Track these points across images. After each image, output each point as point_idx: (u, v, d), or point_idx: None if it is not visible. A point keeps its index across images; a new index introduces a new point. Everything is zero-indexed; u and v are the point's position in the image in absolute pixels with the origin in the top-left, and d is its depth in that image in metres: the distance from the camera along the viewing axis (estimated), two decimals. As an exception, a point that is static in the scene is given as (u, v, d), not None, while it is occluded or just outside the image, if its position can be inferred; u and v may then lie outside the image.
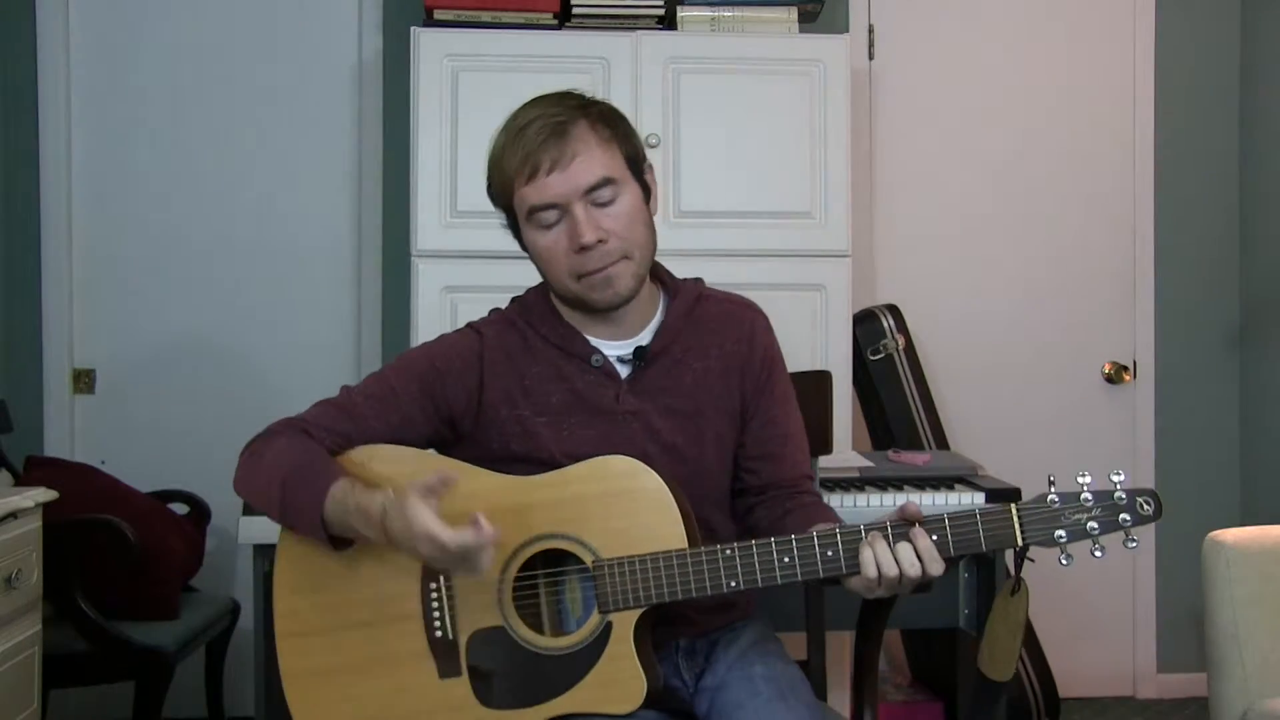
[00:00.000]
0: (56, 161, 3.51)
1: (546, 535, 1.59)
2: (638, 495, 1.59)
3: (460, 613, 1.59)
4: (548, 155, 1.62)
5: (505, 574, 1.58)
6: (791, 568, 1.53)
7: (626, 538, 1.57)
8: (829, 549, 1.53)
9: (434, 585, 1.59)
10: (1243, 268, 3.86)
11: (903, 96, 3.76)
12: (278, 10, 3.60)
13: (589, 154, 1.64)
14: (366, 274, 3.61)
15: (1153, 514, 1.50)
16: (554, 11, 3.11)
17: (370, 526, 1.53)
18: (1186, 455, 3.85)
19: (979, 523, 1.51)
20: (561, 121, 1.64)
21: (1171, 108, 3.83)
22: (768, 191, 3.07)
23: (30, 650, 2.50)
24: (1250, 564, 2.42)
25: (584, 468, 1.61)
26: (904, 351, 3.43)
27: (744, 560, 1.54)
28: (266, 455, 1.65)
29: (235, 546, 3.13)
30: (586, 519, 1.59)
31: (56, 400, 3.52)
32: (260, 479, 1.65)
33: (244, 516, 2.43)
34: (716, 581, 1.54)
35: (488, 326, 1.77)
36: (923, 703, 3.32)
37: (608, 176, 1.65)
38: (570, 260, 1.65)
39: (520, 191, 1.65)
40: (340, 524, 1.57)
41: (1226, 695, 2.41)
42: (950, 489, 2.65)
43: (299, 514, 1.60)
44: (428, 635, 1.59)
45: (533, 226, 1.67)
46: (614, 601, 1.56)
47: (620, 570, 1.56)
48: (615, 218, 1.65)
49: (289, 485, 1.60)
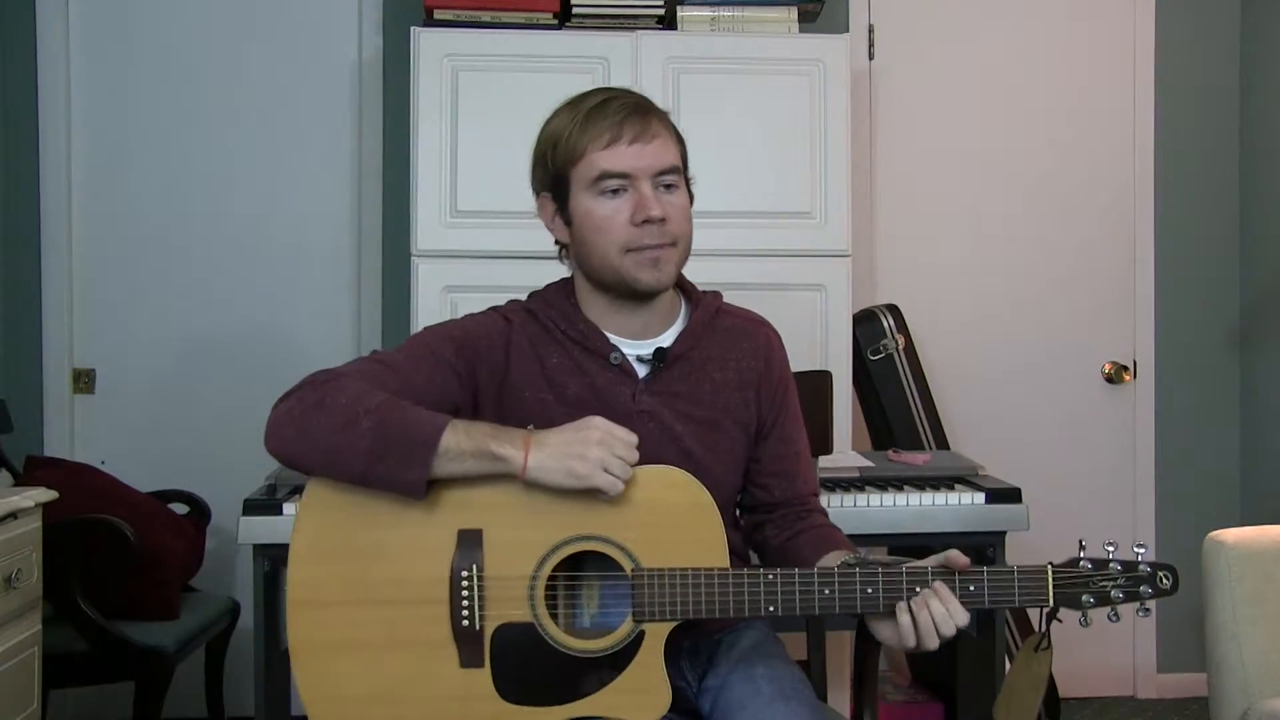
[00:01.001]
0: (56, 161, 3.51)
1: (587, 536, 1.58)
2: (686, 509, 1.59)
3: (489, 604, 1.57)
4: (631, 128, 1.68)
5: (540, 570, 1.57)
6: (831, 600, 1.56)
7: (668, 549, 1.58)
8: (869, 586, 1.55)
9: (465, 574, 1.57)
10: (1243, 268, 3.87)
11: (903, 96, 3.76)
12: (278, 10, 3.60)
13: (666, 140, 1.72)
14: (366, 274, 3.61)
15: (1170, 589, 1.58)
16: (554, 11, 3.11)
17: (511, 443, 1.53)
18: (1186, 455, 3.85)
19: (1015, 580, 1.55)
20: (643, 105, 1.72)
21: (1171, 108, 3.83)
22: (768, 191, 3.07)
23: (30, 650, 2.50)
24: (1250, 564, 2.42)
25: (637, 472, 1.59)
26: (904, 351, 3.43)
27: (785, 587, 1.56)
28: (339, 400, 1.56)
29: (235, 546, 3.13)
30: (629, 524, 1.58)
31: (56, 400, 3.52)
32: (333, 422, 1.55)
33: (244, 516, 2.43)
34: (755, 605, 1.56)
35: (511, 313, 1.78)
36: (923, 703, 3.31)
37: (677, 166, 1.73)
38: (627, 232, 1.68)
39: (592, 157, 1.68)
40: (457, 452, 1.53)
41: (1226, 695, 2.41)
42: (950, 489, 2.64)
43: (405, 450, 1.52)
44: (453, 623, 1.57)
45: (594, 194, 1.69)
46: (650, 611, 1.57)
47: (660, 581, 1.57)
48: (675, 206, 1.71)
49: (390, 423, 1.53)
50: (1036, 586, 1.56)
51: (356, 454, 1.53)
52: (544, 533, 1.57)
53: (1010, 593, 1.55)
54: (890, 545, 2.90)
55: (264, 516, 2.44)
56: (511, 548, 1.57)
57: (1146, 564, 1.58)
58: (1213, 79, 3.86)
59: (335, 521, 1.60)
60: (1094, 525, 3.81)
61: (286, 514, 2.44)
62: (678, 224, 1.71)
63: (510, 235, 3.01)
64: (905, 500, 2.60)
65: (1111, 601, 1.57)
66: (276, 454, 1.61)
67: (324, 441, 1.55)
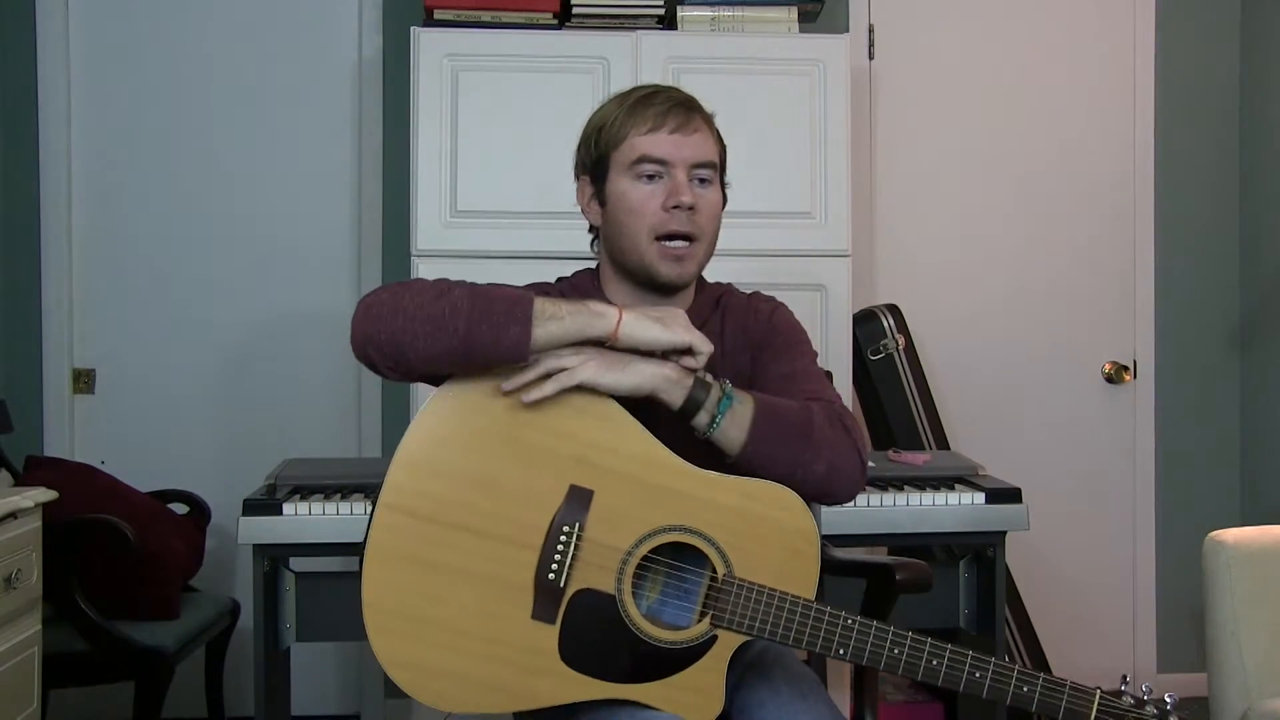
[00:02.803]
0: (56, 161, 3.51)
1: (690, 529, 1.59)
2: (790, 532, 1.60)
3: (578, 566, 1.56)
4: (674, 119, 1.74)
5: (636, 548, 1.58)
6: (897, 660, 1.58)
7: (762, 565, 1.58)
8: (935, 659, 1.57)
9: (567, 528, 1.56)
10: (1243, 268, 3.87)
11: (903, 96, 3.76)
12: (278, 10, 3.60)
13: (707, 136, 1.78)
14: (366, 274, 3.61)
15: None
16: (554, 11, 3.11)
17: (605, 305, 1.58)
18: (1186, 455, 3.85)
19: (1065, 694, 1.58)
20: (688, 101, 1.79)
21: (1171, 108, 3.83)
22: (768, 191, 3.07)
23: (30, 650, 2.50)
24: (1250, 564, 2.42)
25: (750, 484, 1.60)
26: (904, 351, 3.43)
27: (859, 636, 1.57)
28: (424, 284, 1.56)
29: (235, 546, 3.12)
30: (733, 531, 1.59)
31: (56, 400, 3.52)
32: (426, 296, 1.53)
33: (244, 517, 2.43)
34: (828, 645, 1.57)
35: (545, 286, 1.81)
36: (923, 703, 3.31)
37: (713, 161, 1.78)
38: (658, 217, 1.72)
39: (634, 140, 1.73)
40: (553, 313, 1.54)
41: (1226, 695, 2.41)
42: (950, 489, 2.65)
43: (503, 311, 1.51)
44: (538, 572, 1.56)
45: (630, 176, 1.74)
46: (729, 620, 1.57)
47: (748, 594, 1.57)
48: (706, 200, 1.76)
49: (481, 292, 1.54)
50: (1082, 707, 1.59)
51: (458, 315, 1.51)
52: (651, 513, 1.58)
53: (1057, 705, 1.58)
54: (891, 545, 2.90)
55: (264, 516, 2.44)
56: (617, 518, 1.57)
57: (1176, 716, 1.62)
58: (1213, 79, 3.86)
59: (447, 437, 1.59)
60: (1094, 525, 3.82)
61: (286, 514, 2.45)
62: (706, 217, 1.75)
63: (510, 235, 3.01)
64: (905, 500, 2.60)
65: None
66: (370, 337, 1.55)
67: (422, 312, 1.52)
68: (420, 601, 1.56)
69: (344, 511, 2.45)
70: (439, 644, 1.56)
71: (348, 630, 2.61)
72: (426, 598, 1.56)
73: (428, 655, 1.56)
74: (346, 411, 3.62)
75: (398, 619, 1.56)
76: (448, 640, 1.56)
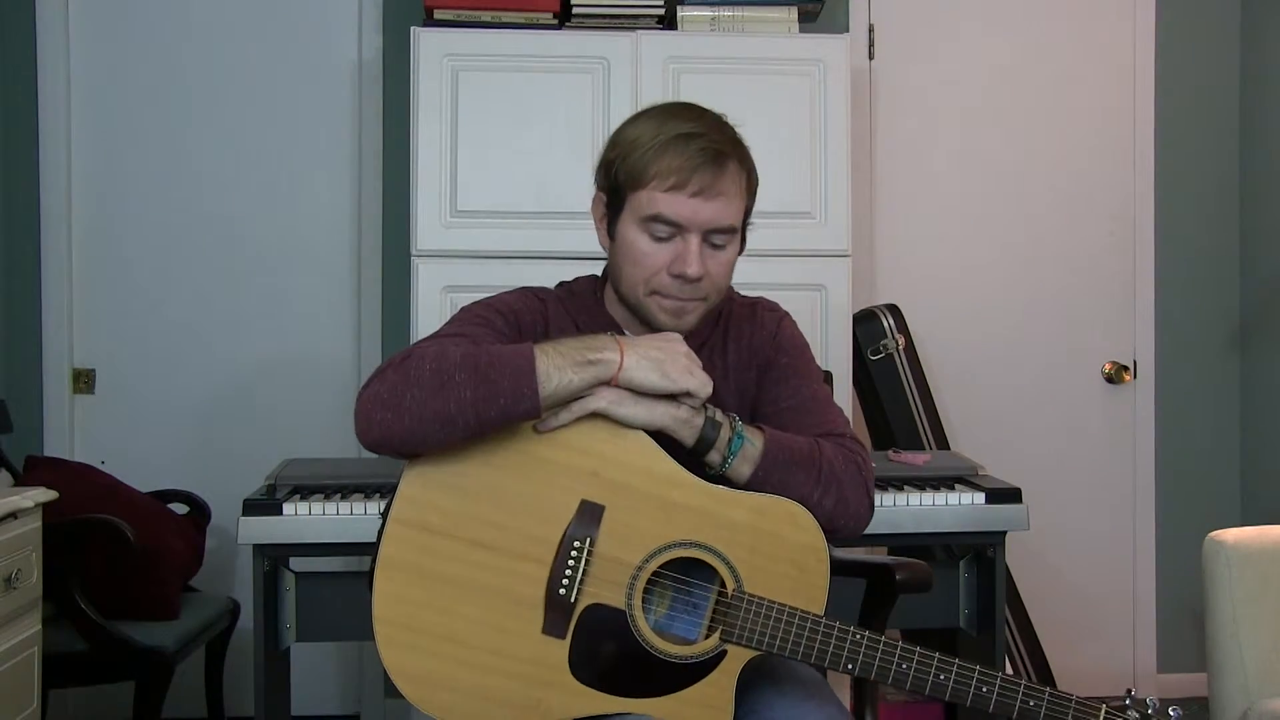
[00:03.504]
0: (56, 161, 3.51)
1: (701, 545, 1.59)
2: (801, 548, 1.60)
3: (589, 581, 1.56)
4: (700, 179, 1.65)
5: (647, 563, 1.58)
6: (905, 675, 1.57)
7: (773, 581, 1.59)
8: (943, 674, 1.57)
9: (578, 543, 1.56)
10: (1243, 268, 3.86)
11: (903, 96, 3.76)
12: (278, 10, 3.60)
13: (732, 197, 1.69)
14: (366, 274, 3.61)
15: None
16: (554, 11, 3.11)
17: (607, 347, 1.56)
18: (1186, 455, 3.85)
19: (1071, 709, 1.59)
20: (722, 153, 1.68)
21: (1171, 108, 3.83)
22: (768, 191, 3.00)
23: (30, 650, 2.50)
24: (1250, 564, 2.42)
25: (762, 499, 1.60)
26: (904, 351, 3.43)
27: (869, 650, 1.57)
28: (424, 369, 1.53)
29: (235, 546, 3.13)
30: (744, 547, 1.59)
31: (56, 400, 3.52)
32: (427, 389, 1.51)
33: (244, 517, 2.43)
34: (837, 659, 1.58)
35: (543, 295, 1.80)
36: (923, 703, 3.31)
37: (733, 225, 1.70)
38: (659, 278, 1.68)
39: (652, 194, 1.66)
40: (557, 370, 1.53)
41: (1226, 695, 2.41)
42: (950, 489, 2.65)
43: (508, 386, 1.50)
44: (549, 587, 1.56)
45: (640, 228, 1.68)
46: (739, 635, 1.58)
47: (758, 609, 1.57)
48: (719, 264, 1.70)
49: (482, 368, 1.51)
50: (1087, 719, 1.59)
51: (463, 407, 1.50)
52: (662, 528, 1.58)
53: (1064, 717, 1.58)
54: (891, 545, 2.90)
55: (264, 516, 2.44)
56: (628, 533, 1.57)
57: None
58: (1213, 79, 3.86)
59: (459, 451, 1.57)
60: (1094, 525, 3.82)
61: (286, 514, 2.44)
62: (713, 281, 1.70)
63: (510, 235, 3.01)
64: (905, 500, 2.60)
65: None
66: (377, 442, 1.56)
67: (425, 410, 1.51)
68: (430, 615, 1.56)
69: (344, 511, 2.45)
70: (449, 657, 1.56)
71: (348, 630, 2.61)
72: (437, 611, 1.56)
73: (437, 668, 1.56)
74: (346, 412, 3.56)
75: (408, 632, 1.56)
76: (458, 653, 1.56)
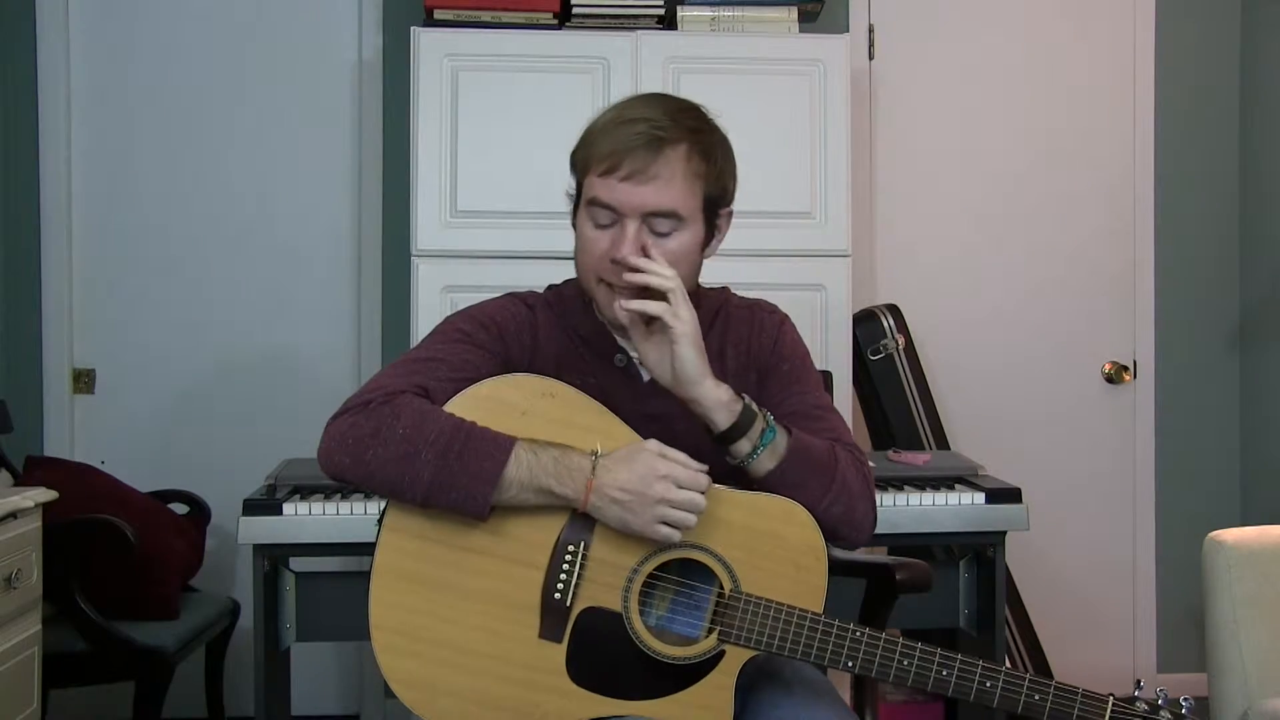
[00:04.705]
0: (56, 161, 3.51)
1: (697, 546, 1.58)
2: (798, 547, 1.59)
3: (584, 584, 1.56)
4: (631, 162, 1.61)
5: (642, 565, 1.58)
6: (906, 672, 1.58)
7: (770, 580, 1.58)
8: (945, 670, 1.57)
9: (572, 547, 1.56)
10: (1243, 268, 3.86)
11: (903, 96, 3.76)
12: (277, 10, 3.60)
13: (670, 181, 1.63)
14: (366, 274, 3.61)
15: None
16: (554, 11, 3.11)
17: (573, 482, 1.52)
18: (1186, 455, 3.85)
19: (1078, 701, 1.59)
20: (661, 138, 1.62)
21: (1171, 108, 3.83)
22: (768, 191, 3.07)
23: (30, 650, 2.50)
24: (1250, 564, 2.42)
25: (759, 499, 1.59)
26: (904, 351, 3.43)
27: (868, 647, 1.57)
28: (396, 429, 1.53)
29: (235, 546, 3.13)
30: (740, 546, 1.59)
31: (56, 400, 3.52)
32: (392, 453, 1.52)
33: (244, 517, 2.43)
34: (836, 657, 1.57)
35: (532, 301, 1.78)
36: (923, 703, 3.31)
37: (674, 210, 1.64)
38: (600, 263, 1.66)
39: (591, 180, 1.65)
40: (519, 488, 1.52)
41: (1226, 695, 2.41)
42: (950, 489, 2.65)
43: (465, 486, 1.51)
44: (544, 591, 1.56)
45: (586, 215, 1.68)
46: (736, 635, 1.57)
47: (755, 609, 1.57)
48: (665, 252, 1.64)
49: (451, 457, 1.51)
50: (1095, 715, 1.59)
51: (417, 487, 1.52)
52: None
53: (1069, 713, 1.58)
54: (891, 545, 2.90)
55: (264, 516, 2.44)
56: (622, 536, 1.56)
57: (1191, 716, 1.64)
58: (1213, 79, 3.86)
59: None
60: (1094, 525, 3.82)
61: (286, 514, 2.44)
62: None
63: (510, 235, 3.01)
64: (905, 500, 2.60)
65: None
66: (333, 476, 1.59)
67: (382, 472, 1.53)
68: (427, 621, 1.56)
69: (344, 511, 2.45)
70: (446, 663, 1.56)
71: (348, 630, 2.61)
72: (433, 618, 1.56)
73: (435, 674, 1.56)
74: (346, 411, 3.61)
75: (404, 638, 1.56)
76: (455, 659, 1.56)
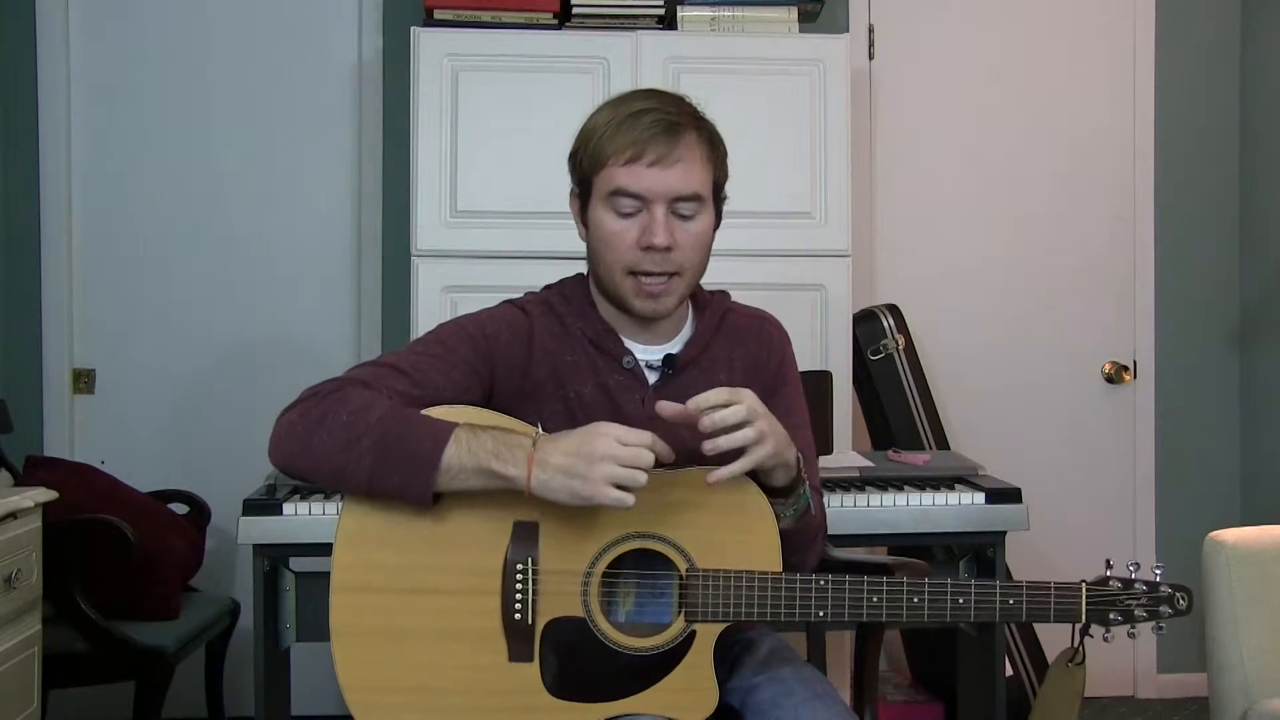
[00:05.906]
0: (56, 161, 3.51)
1: (644, 534, 1.59)
2: (743, 513, 1.60)
3: (542, 598, 1.56)
4: (655, 149, 1.64)
5: (594, 567, 1.58)
6: (879, 608, 1.59)
7: (723, 552, 1.59)
8: (915, 597, 1.59)
9: (520, 566, 1.55)
10: (1243, 268, 3.86)
11: (903, 96, 3.76)
12: (277, 10, 3.60)
13: (692, 164, 1.67)
14: (366, 274, 3.61)
15: (1185, 609, 1.67)
16: (554, 11, 3.11)
17: (514, 461, 1.50)
18: (1186, 455, 3.85)
19: (1052, 596, 1.61)
20: (676, 123, 1.67)
21: (1171, 108, 3.83)
22: (768, 191, 3.06)
23: (30, 650, 2.50)
24: (1250, 564, 2.42)
25: (695, 472, 1.59)
26: (904, 351, 3.43)
27: (835, 593, 1.59)
28: (340, 417, 1.54)
29: (235, 546, 3.13)
30: (687, 525, 1.59)
31: (56, 400, 3.52)
32: (334, 441, 1.53)
33: (244, 517, 2.43)
34: (806, 609, 1.58)
35: (531, 306, 1.77)
36: (923, 703, 3.32)
37: (699, 193, 1.68)
38: (631, 254, 1.67)
39: (611, 171, 1.66)
40: (459, 470, 1.51)
41: (1226, 695, 2.41)
42: (950, 489, 2.65)
43: (407, 468, 1.51)
44: (504, 615, 1.56)
45: (607, 207, 1.68)
46: (702, 612, 1.58)
47: (714, 583, 1.58)
48: (688, 234, 1.68)
49: (390, 440, 1.52)
50: (1070, 603, 1.62)
51: (360, 473, 1.53)
52: (601, 528, 1.58)
53: (1046, 608, 1.61)
54: (890, 545, 2.90)
55: (264, 516, 2.44)
56: (567, 542, 1.57)
57: (1167, 585, 1.65)
58: (1213, 79, 3.86)
59: (383, 506, 1.57)
60: (1094, 525, 3.82)
61: (286, 514, 2.44)
62: (686, 254, 1.69)
63: (510, 235, 3.01)
64: (905, 500, 2.60)
65: (1135, 620, 1.64)
66: (280, 468, 1.60)
67: (326, 462, 1.54)
68: (397, 672, 1.56)
69: (344, 511, 2.44)
70: (426, 708, 1.56)
71: (348, 630, 2.60)
72: (402, 667, 1.56)
73: None
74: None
75: (379, 694, 1.57)
76: (435, 703, 1.56)
